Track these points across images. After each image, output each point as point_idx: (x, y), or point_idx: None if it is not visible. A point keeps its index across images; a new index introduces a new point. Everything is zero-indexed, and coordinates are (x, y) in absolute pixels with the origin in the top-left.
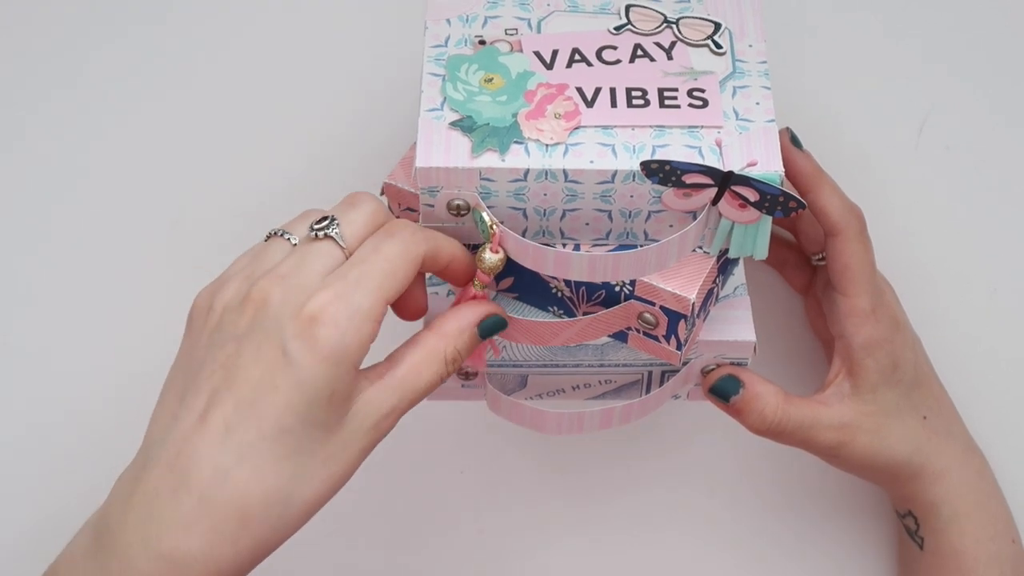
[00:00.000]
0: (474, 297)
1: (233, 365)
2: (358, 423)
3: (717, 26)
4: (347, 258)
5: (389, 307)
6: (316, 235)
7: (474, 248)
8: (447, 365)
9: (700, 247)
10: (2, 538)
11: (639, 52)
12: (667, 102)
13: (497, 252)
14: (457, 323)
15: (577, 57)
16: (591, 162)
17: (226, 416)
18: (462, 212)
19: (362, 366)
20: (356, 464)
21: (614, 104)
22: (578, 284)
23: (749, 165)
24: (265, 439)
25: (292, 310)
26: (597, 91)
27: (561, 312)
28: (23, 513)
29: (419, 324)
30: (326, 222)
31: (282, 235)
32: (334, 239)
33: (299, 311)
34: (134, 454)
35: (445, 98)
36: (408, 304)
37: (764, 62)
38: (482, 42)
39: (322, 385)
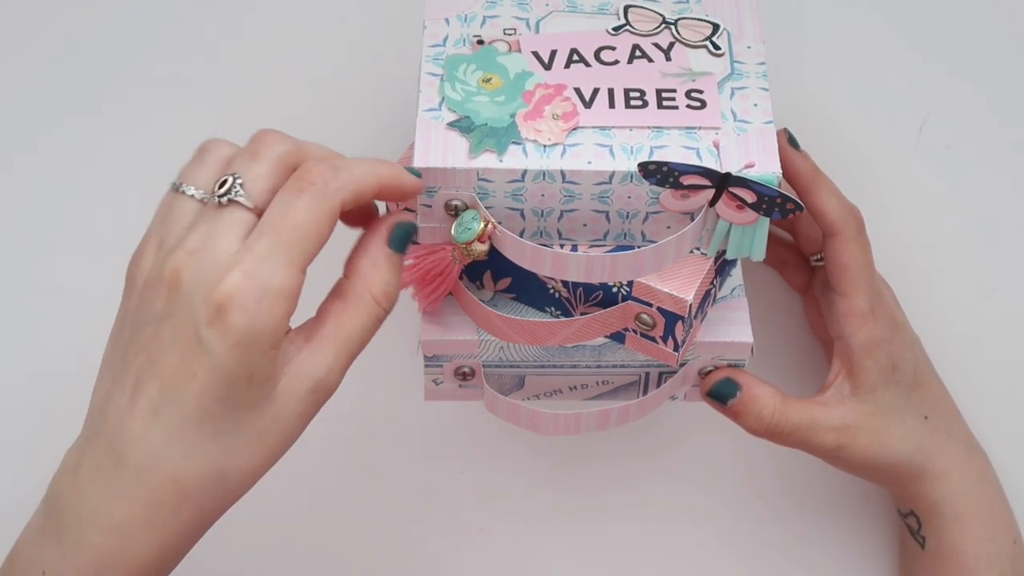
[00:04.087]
0: (442, 272)
1: (155, 349)
2: (290, 394)
3: (715, 27)
4: (258, 217)
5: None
6: (220, 201)
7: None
8: (379, 303)
9: (698, 248)
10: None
11: (637, 53)
12: (665, 103)
13: (484, 243)
14: (367, 256)
15: (575, 57)
16: (589, 163)
17: (152, 399)
18: (460, 212)
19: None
20: (297, 430)
21: (612, 105)
22: (575, 285)
23: (747, 167)
24: (190, 421)
25: (203, 293)
26: (595, 92)
27: (558, 313)
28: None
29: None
30: (228, 184)
31: (181, 190)
32: (239, 203)
33: (210, 295)
34: None
35: (443, 98)
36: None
37: (762, 63)
38: (480, 42)
39: (238, 370)
